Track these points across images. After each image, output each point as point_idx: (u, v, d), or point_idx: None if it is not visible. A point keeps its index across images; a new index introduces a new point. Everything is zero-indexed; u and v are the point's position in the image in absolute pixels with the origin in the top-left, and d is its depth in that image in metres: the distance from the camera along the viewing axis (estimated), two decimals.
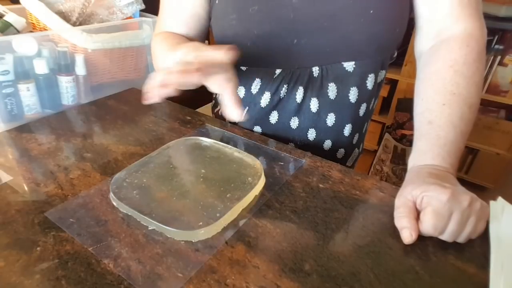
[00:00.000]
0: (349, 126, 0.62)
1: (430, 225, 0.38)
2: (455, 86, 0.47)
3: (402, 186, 0.44)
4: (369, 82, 0.58)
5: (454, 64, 0.48)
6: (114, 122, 0.64)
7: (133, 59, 0.87)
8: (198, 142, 0.56)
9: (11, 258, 0.36)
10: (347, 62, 0.56)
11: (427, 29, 0.53)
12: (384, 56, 0.58)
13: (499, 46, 1.59)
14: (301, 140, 0.63)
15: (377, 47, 0.55)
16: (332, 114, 0.60)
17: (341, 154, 0.65)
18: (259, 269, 0.36)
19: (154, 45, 0.59)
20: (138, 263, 0.36)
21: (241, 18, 0.55)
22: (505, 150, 1.69)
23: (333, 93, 0.58)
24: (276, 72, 0.58)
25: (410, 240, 0.39)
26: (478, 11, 0.51)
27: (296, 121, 0.61)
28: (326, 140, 0.62)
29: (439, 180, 0.40)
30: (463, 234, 0.38)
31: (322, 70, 0.57)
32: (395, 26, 0.54)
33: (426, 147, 0.45)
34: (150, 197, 0.44)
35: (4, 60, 0.61)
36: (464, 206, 0.38)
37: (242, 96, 0.63)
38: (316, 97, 0.59)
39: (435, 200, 0.38)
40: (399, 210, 0.41)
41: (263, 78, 0.60)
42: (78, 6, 0.81)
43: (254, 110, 0.62)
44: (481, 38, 0.50)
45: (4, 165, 0.51)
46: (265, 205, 0.45)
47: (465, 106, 0.46)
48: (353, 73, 0.57)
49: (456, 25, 0.50)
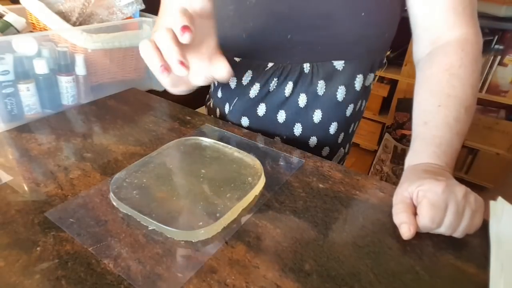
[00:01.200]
0: (335, 124, 0.63)
1: (428, 217, 0.38)
2: (451, 88, 0.47)
3: (399, 184, 0.44)
4: (357, 82, 0.60)
5: (450, 67, 0.49)
6: (114, 122, 0.64)
7: (133, 59, 0.87)
8: (198, 142, 0.56)
9: (11, 258, 0.36)
10: (337, 60, 0.58)
11: (424, 36, 0.55)
12: (373, 58, 0.60)
13: (499, 46, 1.59)
14: (287, 135, 0.64)
15: (366, 49, 0.57)
16: (319, 111, 0.61)
17: (326, 152, 0.67)
18: (259, 269, 0.36)
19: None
20: (138, 263, 0.36)
21: (239, 9, 0.57)
22: (505, 150, 1.69)
23: (322, 90, 0.60)
24: (268, 65, 0.60)
25: (409, 235, 0.39)
26: (473, 18, 0.52)
27: (283, 115, 0.62)
28: (312, 136, 0.64)
29: (433, 175, 0.41)
30: (460, 228, 0.38)
31: (313, 67, 0.58)
32: (384, 31, 0.56)
33: (421, 147, 0.46)
34: (150, 197, 0.44)
35: (4, 60, 0.61)
36: (459, 197, 0.38)
37: (233, 87, 0.65)
38: (304, 93, 0.60)
39: (430, 192, 0.38)
40: (396, 206, 0.42)
41: (254, 70, 0.61)
42: (78, 6, 0.81)
43: (243, 100, 0.64)
44: (476, 44, 0.51)
45: (4, 165, 0.51)
46: (265, 205, 0.45)
47: (461, 108, 0.47)
48: (342, 72, 0.58)
49: (451, 32, 0.51)
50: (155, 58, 0.40)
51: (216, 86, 0.70)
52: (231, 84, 0.65)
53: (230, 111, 0.66)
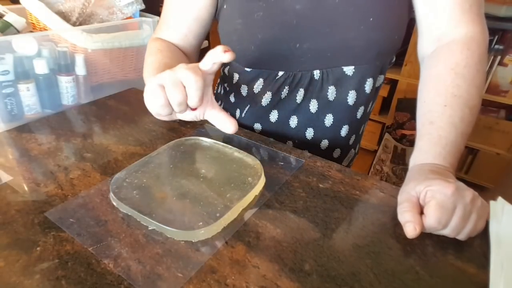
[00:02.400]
0: (346, 127, 0.63)
1: (435, 218, 0.38)
2: (456, 88, 0.47)
3: (404, 183, 0.44)
4: (368, 86, 0.60)
5: (455, 66, 0.48)
6: (114, 122, 0.64)
7: (133, 59, 0.87)
8: (198, 142, 0.56)
9: (11, 258, 0.36)
10: (347, 66, 0.57)
11: (429, 33, 0.54)
12: (383, 61, 0.60)
13: (499, 46, 1.59)
14: (299, 138, 0.64)
15: (376, 53, 0.56)
16: (330, 115, 0.61)
17: (337, 154, 0.67)
18: (259, 269, 0.36)
19: (148, 55, 0.59)
20: (138, 263, 0.36)
21: (246, 23, 0.56)
22: (505, 150, 1.69)
23: (332, 95, 0.60)
24: (279, 74, 0.60)
25: (414, 234, 0.38)
26: (480, 16, 0.51)
27: (295, 120, 0.63)
28: (323, 139, 0.64)
29: (441, 176, 0.41)
30: (464, 230, 0.38)
31: (322, 74, 0.58)
32: (394, 33, 0.56)
33: (427, 147, 0.46)
34: (150, 197, 0.44)
35: (4, 60, 0.61)
36: (467, 201, 0.38)
37: (244, 95, 0.65)
38: (315, 99, 0.60)
39: (439, 194, 0.38)
40: (402, 205, 0.41)
41: (266, 79, 0.61)
42: (78, 6, 0.81)
43: (254, 108, 0.64)
44: (482, 42, 0.50)
45: (4, 165, 0.51)
46: (265, 205, 0.45)
47: (466, 108, 0.46)
48: (352, 77, 0.58)
49: (457, 30, 0.50)
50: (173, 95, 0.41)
51: (228, 91, 0.69)
52: (242, 92, 0.65)
53: (242, 117, 0.66)
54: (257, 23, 0.55)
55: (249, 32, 0.56)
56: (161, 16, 0.65)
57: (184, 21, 0.62)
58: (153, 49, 0.59)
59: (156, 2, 0.65)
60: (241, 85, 0.64)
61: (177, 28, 0.63)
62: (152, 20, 0.86)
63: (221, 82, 0.73)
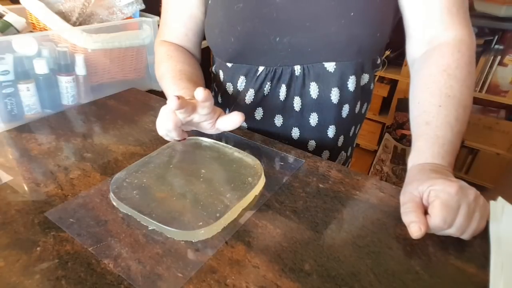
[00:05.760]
0: (333, 127, 0.63)
1: (440, 218, 0.37)
2: (450, 89, 0.48)
3: (405, 184, 0.44)
4: (351, 84, 0.60)
5: (447, 68, 0.49)
6: (114, 122, 0.64)
7: (133, 59, 0.87)
8: (198, 142, 0.56)
9: (11, 258, 0.36)
10: (328, 62, 0.57)
11: (418, 36, 0.55)
12: (365, 59, 0.60)
13: (499, 46, 1.59)
14: (285, 138, 0.64)
15: (357, 49, 0.56)
16: (315, 114, 0.61)
17: (326, 156, 0.66)
18: (259, 269, 0.36)
19: (159, 61, 0.63)
20: (138, 263, 0.36)
21: (227, 15, 0.57)
22: (505, 150, 1.69)
23: (315, 93, 0.60)
24: (259, 69, 0.60)
25: (419, 234, 0.37)
26: (466, 20, 0.52)
27: (280, 119, 0.63)
28: (310, 140, 0.64)
29: (443, 175, 0.41)
30: (469, 229, 0.38)
31: (303, 69, 0.58)
32: (376, 30, 0.56)
33: (425, 147, 0.46)
34: (150, 197, 0.44)
35: (4, 60, 0.61)
36: (470, 199, 0.38)
37: (230, 93, 0.65)
38: (298, 96, 0.60)
39: (443, 193, 0.38)
40: (406, 205, 0.41)
41: (247, 75, 0.62)
42: (78, 6, 0.81)
43: (239, 105, 0.64)
44: (471, 45, 0.51)
45: (4, 165, 0.51)
46: (265, 205, 0.45)
47: (460, 108, 0.47)
48: (334, 74, 0.58)
49: (446, 32, 0.51)
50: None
51: (216, 91, 0.70)
52: (228, 90, 0.65)
53: None
54: (237, 14, 0.56)
55: (229, 24, 0.57)
56: (161, 18, 0.65)
57: (180, 20, 0.63)
58: (163, 55, 0.62)
59: (156, 2, 0.65)
60: (226, 83, 0.65)
61: (177, 28, 0.64)
62: (152, 20, 0.87)
63: (212, 82, 0.73)
